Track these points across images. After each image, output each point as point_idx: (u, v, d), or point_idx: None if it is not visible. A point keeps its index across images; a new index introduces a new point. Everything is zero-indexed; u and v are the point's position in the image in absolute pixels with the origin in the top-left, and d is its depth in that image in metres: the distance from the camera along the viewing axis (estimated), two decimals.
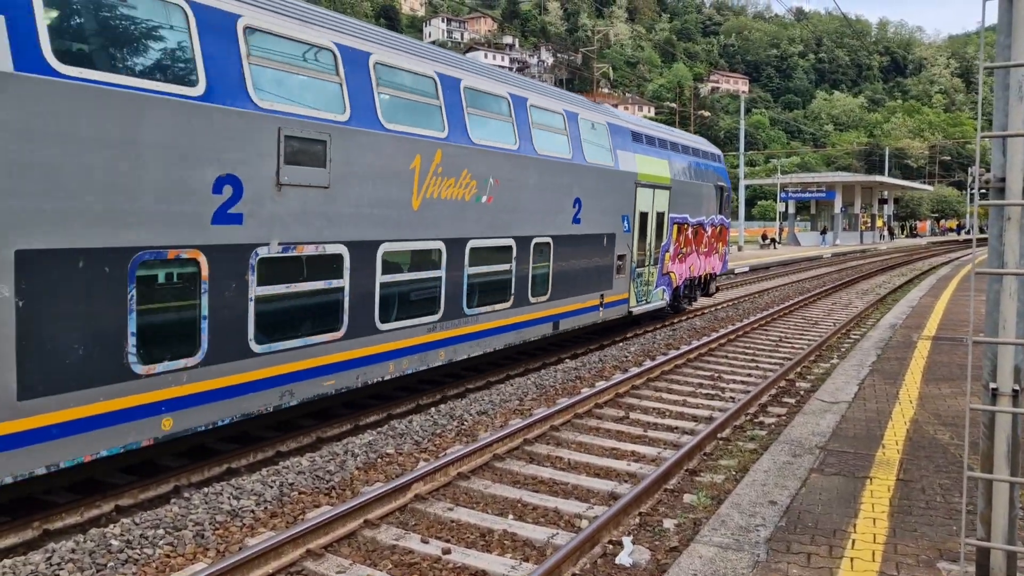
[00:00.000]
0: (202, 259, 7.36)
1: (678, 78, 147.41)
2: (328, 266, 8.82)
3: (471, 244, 11.19)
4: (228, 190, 7.54)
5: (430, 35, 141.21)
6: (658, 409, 11.00)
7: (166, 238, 7.01)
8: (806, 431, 8.22)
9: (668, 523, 6.90)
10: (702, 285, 21.42)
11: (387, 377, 9.96)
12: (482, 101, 11.45)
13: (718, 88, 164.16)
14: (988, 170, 4.27)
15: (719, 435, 9.60)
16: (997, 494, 4.31)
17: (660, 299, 18.23)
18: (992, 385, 4.27)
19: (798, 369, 13.76)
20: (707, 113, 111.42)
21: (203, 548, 6.22)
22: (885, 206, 78.62)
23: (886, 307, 22.30)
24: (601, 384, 11.85)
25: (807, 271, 38.44)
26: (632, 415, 10.62)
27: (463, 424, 9.93)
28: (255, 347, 7.97)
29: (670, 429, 10.06)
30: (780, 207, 70.37)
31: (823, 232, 67.07)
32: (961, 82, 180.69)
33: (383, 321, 9.72)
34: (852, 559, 5.12)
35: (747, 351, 15.58)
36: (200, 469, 8.15)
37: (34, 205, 6.03)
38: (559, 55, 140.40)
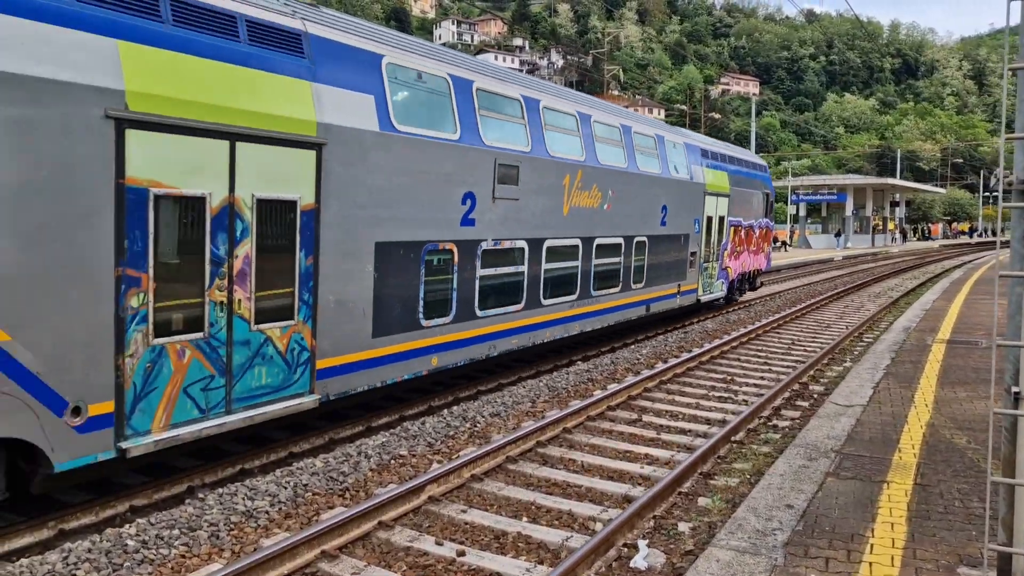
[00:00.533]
0: (454, 249, 10.66)
1: (688, 80, 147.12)
2: (516, 256, 12.09)
3: (597, 241, 14.37)
4: (468, 202, 10.77)
5: (440, 37, 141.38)
6: (671, 412, 10.96)
7: (438, 235, 10.32)
8: (821, 434, 8.17)
9: (683, 526, 6.86)
10: (750, 280, 24.48)
11: (545, 340, 13.27)
12: (604, 131, 14.66)
13: (729, 90, 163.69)
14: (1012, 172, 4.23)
15: (733, 438, 9.56)
16: (1020, 499, 4.27)
17: (720, 290, 21.16)
18: (1015, 389, 4.23)
19: (811, 372, 13.69)
20: (718, 115, 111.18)
21: (218, 549, 6.23)
22: (897, 209, 78.19)
23: (899, 310, 22.18)
24: (613, 387, 11.82)
25: (818, 274, 38.27)
26: (645, 418, 10.59)
27: (476, 426, 9.92)
28: (478, 312, 11.31)
29: (683, 432, 10.02)
30: (791, 209, 70.05)
31: (838, 235, 66.72)
32: (974, 84, 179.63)
33: (545, 299, 12.97)
34: (871, 564, 5.08)
35: (759, 354, 15.52)
36: (213, 470, 8.16)
37: (382, 214, 9.30)
38: (569, 57, 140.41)
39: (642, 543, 6.37)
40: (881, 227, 74.26)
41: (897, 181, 73.06)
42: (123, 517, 7.02)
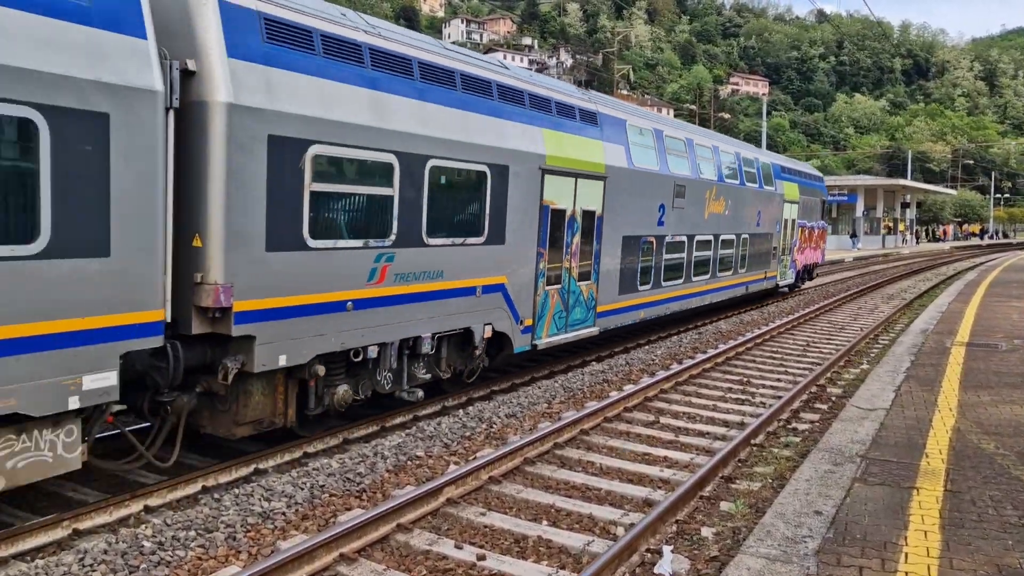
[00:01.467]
0: (654, 240, 15.82)
1: (698, 80, 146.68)
2: (681, 246, 17.28)
3: (722, 237, 19.56)
4: (661, 210, 15.91)
5: (449, 36, 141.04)
6: (688, 414, 10.82)
7: (647, 231, 15.47)
8: (845, 439, 8.02)
9: (706, 532, 6.72)
10: (809, 271, 29.71)
11: (691, 307, 18.45)
12: (727, 158, 19.87)
13: (738, 90, 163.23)
14: None
15: (752, 441, 9.41)
16: None
17: (790, 278, 26.30)
18: None
19: (828, 374, 13.52)
20: (727, 116, 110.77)
21: (235, 551, 6.12)
22: (907, 210, 77.71)
23: (914, 312, 21.96)
24: (629, 388, 11.68)
25: (829, 275, 38.01)
26: (662, 419, 10.45)
27: (492, 427, 9.80)
28: (663, 283, 16.48)
29: (701, 434, 9.89)
30: None
31: (852, 235, 66.27)
32: (985, 85, 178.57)
33: (693, 276, 18.09)
34: (907, 573, 4.94)
35: (775, 355, 15.36)
36: (228, 469, 8.07)
37: (625, 218, 14.46)
38: (578, 56, 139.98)
39: (666, 548, 6.23)
40: (891, 228, 73.80)
41: (908, 182, 72.62)
42: (137, 517, 6.94)
